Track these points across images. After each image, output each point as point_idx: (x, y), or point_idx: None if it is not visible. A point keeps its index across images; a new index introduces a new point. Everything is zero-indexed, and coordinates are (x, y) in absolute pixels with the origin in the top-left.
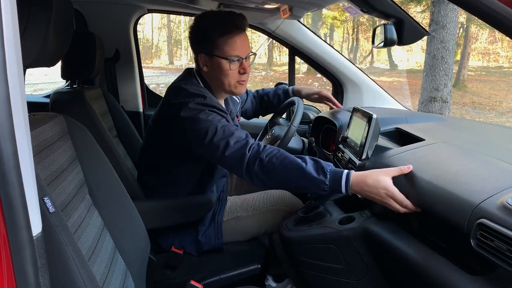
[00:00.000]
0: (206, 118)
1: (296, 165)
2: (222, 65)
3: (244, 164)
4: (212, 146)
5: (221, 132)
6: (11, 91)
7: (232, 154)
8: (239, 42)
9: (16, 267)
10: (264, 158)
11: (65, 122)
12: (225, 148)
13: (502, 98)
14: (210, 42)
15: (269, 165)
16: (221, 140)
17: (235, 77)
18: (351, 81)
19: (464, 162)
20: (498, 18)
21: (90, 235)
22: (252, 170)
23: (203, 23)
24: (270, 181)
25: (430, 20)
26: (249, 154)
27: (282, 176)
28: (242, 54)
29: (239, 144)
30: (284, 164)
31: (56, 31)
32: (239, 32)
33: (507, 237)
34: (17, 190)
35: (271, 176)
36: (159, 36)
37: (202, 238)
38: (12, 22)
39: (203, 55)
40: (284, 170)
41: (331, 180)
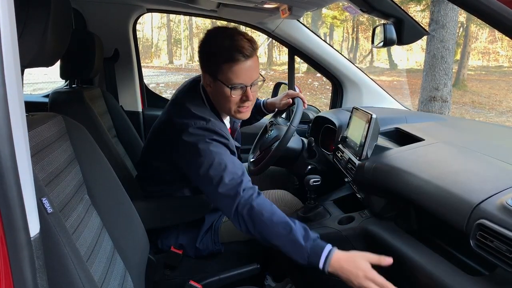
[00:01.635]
0: (205, 147)
1: (283, 223)
2: (224, 91)
3: (234, 204)
4: (206, 179)
5: (217, 165)
6: (9, 91)
7: (225, 191)
8: (244, 70)
9: (14, 268)
10: (255, 206)
11: (63, 122)
12: (218, 183)
13: (502, 98)
14: (215, 66)
15: (258, 215)
16: (216, 174)
17: (237, 103)
18: (350, 80)
19: (464, 162)
20: (497, 17)
21: (88, 236)
22: (240, 214)
23: (212, 45)
24: (255, 231)
25: (430, 19)
26: (242, 196)
27: (268, 230)
28: (246, 82)
29: (233, 182)
30: (272, 219)
31: (55, 30)
32: (247, 59)
33: (507, 238)
34: (14, 191)
35: (256, 226)
36: (159, 35)
37: (200, 245)
38: (10, 22)
39: (208, 75)
40: (271, 225)
41: (311, 251)
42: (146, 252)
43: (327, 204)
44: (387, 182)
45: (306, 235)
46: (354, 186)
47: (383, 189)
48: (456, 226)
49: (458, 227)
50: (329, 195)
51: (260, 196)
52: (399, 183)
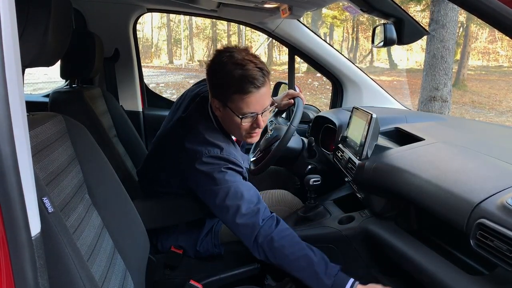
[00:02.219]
0: (221, 177)
1: (305, 255)
2: (234, 119)
3: (253, 235)
4: (222, 208)
5: (234, 195)
6: (10, 91)
7: (244, 222)
8: (255, 101)
9: (15, 267)
10: (275, 239)
11: (64, 122)
12: (235, 213)
13: (502, 98)
14: (225, 94)
15: (279, 247)
16: (233, 204)
17: (247, 130)
18: (351, 80)
19: (464, 162)
20: (497, 17)
21: (89, 235)
22: (260, 245)
23: (221, 74)
24: (275, 261)
25: (430, 19)
26: (261, 226)
27: (288, 262)
28: (258, 110)
29: (251, 211)
30: (293, 252)
31: (55, 30)
32: (258, 89)
33: (507, 237)
34: (15, 190)
35: (277, 258)
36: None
37: (200, 247)
38: (11, 22)
39: (216, 101)
40: (293, 258)
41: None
42: (147, 252)
43: (327, 204)
44: (387, 181)
45: (327, 269)
46: (354, 186)
47: (383, 189)
48: (456, 225)
49: (458, 227)
50: (329, 195)
51: (279, 226)
52: (399, 182)
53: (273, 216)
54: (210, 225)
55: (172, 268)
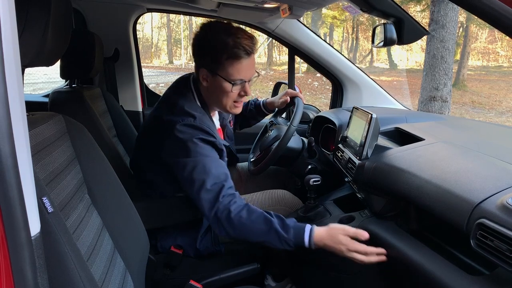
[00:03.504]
0: (192, 148)
1: (261, 218)
2: (224, 86)
3: (213, 210)
4: (189, 180)
5: (201, 168)
6: (9, 90)
7: (205, 196)
8: (245, 66)
9: (15, 267)
10: (232, 210)
11: (64, 122)
12: (200, 187)
13: (502, 98)
14: (216, 62)
15: (237, 217)
16: (199, 177)
17: (235, 98)
18: (350, 80)
19: (464, 162)
20: (497, 17)
21: (89, 235)
22: (219, 219)
23: (212, 40)
24: (234, 234)
25: (430, 19)
26: (221, 202)
27: (248, 230)
28: (246, 77)
29: (215, 187)
30: (251, 218)
31: (55, 30)
32: (249, 56)
33: (507, 237)
34: (15, 190)
35: (236, 228)
36: (159, 35)
37: (200, 246)
38: (10, 22)
39: (205, 70)
40: (251, 224)
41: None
42: (146, 252)
43: (327, 204)
44: (387, 181)
45: (284, 224)
46: (354, 186)
47: (383, 189)
48: (456, 225)
49: (458, 227)
50: (329, 195)
51: (238, 201)
52: (399, 182)
53: (235, 193)
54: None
55: (172, 268)
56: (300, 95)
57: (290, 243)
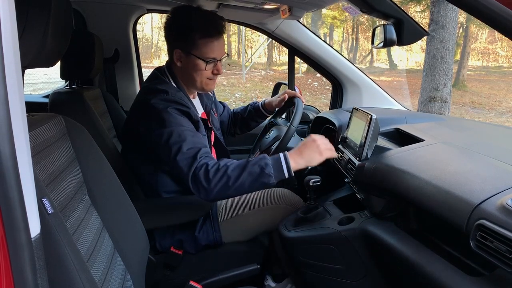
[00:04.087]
0: (166, 117)
1: (239, 164)
2: (198, 64)
3: (191, 170)
4: (166, 148)
5: (177, 136)
6: (9, 91)
7: (182, 158)
8: (217, 45)
9: (15, 269)
10: (209, 164)
11: (64, 123)
12: (177, 152)
13: (502, 98)
14: (190, 41)
15: (213, 170)
16: (175, 143)
17: (208, 76)
18: (350, 81)
19: (464, 163)
20: (497, 18)
21: (89, 236)
22: (197, 176)
23: (185, 21)
24: (215, 188)
25: (430, 20)
26: (198, 161)
27: (227, 179)
28: (218, 56)
29: (192, 150)
30: (227, 166)
31: (55, 31)
32: (219, 35)
33: (507, 238)
34: (15, 191)
35: (214, 181)
36: (159, 35)
37: (200, 234)
38: (11, 22)
39: (179, 50)
40: (228, 171)
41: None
42: (146, 253)
43: (327, 205)
44: (387, 182)
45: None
46: (354, 187)
47: (383, 190)
48: (456, 226)
49: (458, 228)
50: (329, 196)
51: (215, 161)
52: (399, 183)
53: (211, 157)
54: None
55: (172, 269)
56: (299, 95)
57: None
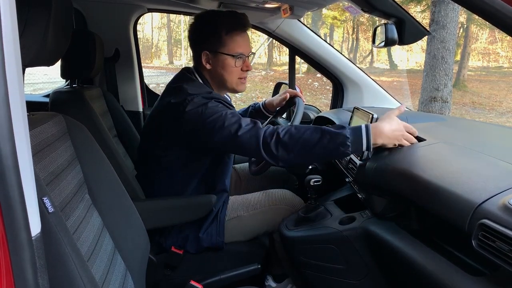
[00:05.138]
0: (214, 106)
1: (314, 128)
2: (227, 62)
3: (260, 141)
4: (224, 131)
5: (231, 117)
6: (10, 90)
7: (247, 133)
8: (243, 40)
9: (15, 267)
10: (280, 132)
11: (64, 122)
12: (237, 130)
13: (502, 98)
14: (216, 39)
15: (286, 136)
16: (233, 124)
17: (238, 74)
18: (351, 80)
19: (465, 162)
20: (498, 16)
21: (89, 235)
22: (270, 145)
23: (210, 21)
24: (289, 154)
25: (430, 20)
26: (264, 130)
27: (302, 142)
28: (245, 52)
29: (251, 125)
30: (302, 131)
31: (56, 30)
32: (244, 30)
33: (509, 238)
34: (16, 190)
35: (291, 145)
36: (159, 35)
37: (204, 235)
38: (11, 21)
39: (207, 52)
40: (303, 135)
41: (352, 134)
42: (147, 252)
43: (328, 204)
44: (388, 182)
45: (338, 126)
46: (355, 186)
47: (384, 189)
48: (457, 226)
49: (459, 227)
50: (330, 195)
51: (279, 126)
52: (400, 183)
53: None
54: (215, 211)
55: (173, 269)
56: (300, 94)
57: (347, 140)
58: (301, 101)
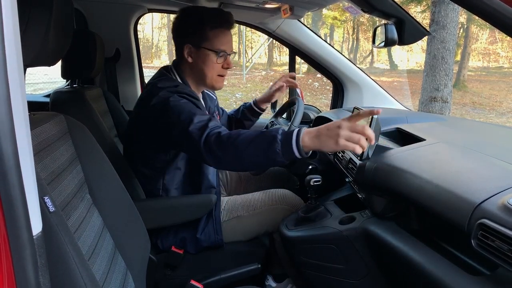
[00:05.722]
0: (176, 100)
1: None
2: (209, 57)
3: (202, 137)
4: (177, 125)
5: (188, 112)
6: (12, 90)
7: (194, 127)
8: (227, 39)
9: (16, 266)
10: (222, 132)
11: (65, 122)
12: (188, 124)
13: (502, 98)
14: (201, 34)
15: (225, 136)
16: (186, 118)
17: (218, 71)
18: (351, 80)
19: (465, 162)
20: (497, 16)
21: (90, 235)
22: (209, 143)
23: (195, 15)
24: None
25: (431, 20)
26: (210, 128)
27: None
28: (228, 50)
29: (202, 122)
30: (240, 133)
31: (57, 30)
32: (229, 28)
33: (508, 237)
34: (17, 190)
35: (227, 147)
36: (159, 36)
37: (201, 235)
38: (13, 21)
39: (189, 45)
40: (241, 135)
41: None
42: (147, 252)
43: (328, 204)
44: (388, 182)
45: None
46: (355, 186)
47: (384, 189)
48: (457, 226)
49: (459, 227)
50: (330, 195)
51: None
52: (400, 183)
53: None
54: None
55: (173, 268)
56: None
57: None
58: (301, 101)
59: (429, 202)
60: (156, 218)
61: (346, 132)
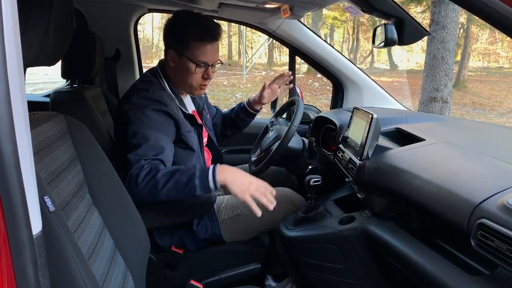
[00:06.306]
0: (140, 116)
1: (169, 170)
2: (189, 67)
3: (129, 172)
4: (128, 145)
5: (141, 136)
6: (12, 90)
7: (132, 158)
8: (210, 50)
9: (16, 266)
10: (145, 167)
11: (65, 121)
12: (132, 150)
13: (502, 99)
14: (183, 43)
15: (143, 173)
16: (135, 144)
17: (198, 80)
18: (351, 81)
19: (465, 162)
20: (497, 17)
21: (90, 234)
22: (131, 179)
23: (181, 23)
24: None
25: (431, 20)
26: (142, 164)
27: (154, 182)
28: (210, 61)
29: (145, 153)
30: (158, 170)
31: (56, 30)
32: (213, 41)
33: (508, 237)
34: (17, 189)
35: (143, 184)
36: (159, 36)
37: (198, 228)
38: (13, 21)
39: (173, 51)
40: (158, 175)
41: (199, 169)
42: (147, 252)
43: (328, 204)
44: (387, 182)
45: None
46: (355, 186)
47: (383, 189)
48: (457, 225)
49: (459, 227)
50: (330, 195)
51: (157, 167)
52: (399, 183)
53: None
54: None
55: (173, 268)
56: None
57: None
58: (301, 101)
59: (429, 202)
60: (156, 218)
61: (252, 189)
